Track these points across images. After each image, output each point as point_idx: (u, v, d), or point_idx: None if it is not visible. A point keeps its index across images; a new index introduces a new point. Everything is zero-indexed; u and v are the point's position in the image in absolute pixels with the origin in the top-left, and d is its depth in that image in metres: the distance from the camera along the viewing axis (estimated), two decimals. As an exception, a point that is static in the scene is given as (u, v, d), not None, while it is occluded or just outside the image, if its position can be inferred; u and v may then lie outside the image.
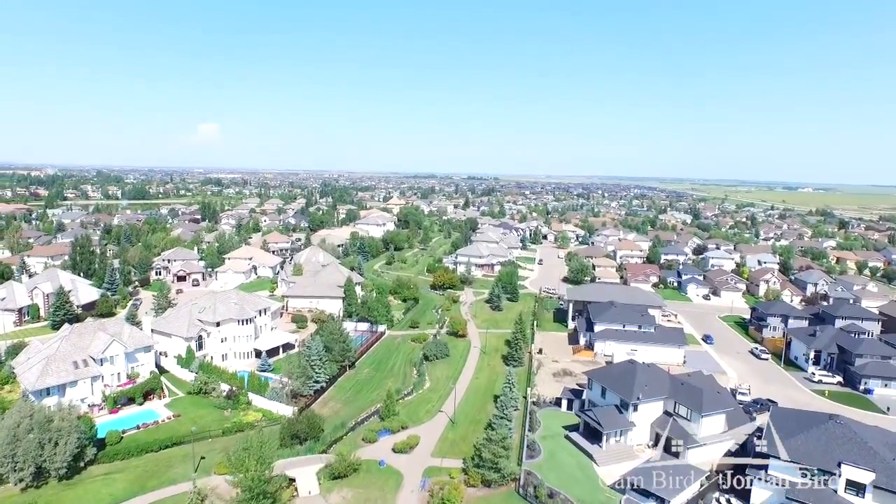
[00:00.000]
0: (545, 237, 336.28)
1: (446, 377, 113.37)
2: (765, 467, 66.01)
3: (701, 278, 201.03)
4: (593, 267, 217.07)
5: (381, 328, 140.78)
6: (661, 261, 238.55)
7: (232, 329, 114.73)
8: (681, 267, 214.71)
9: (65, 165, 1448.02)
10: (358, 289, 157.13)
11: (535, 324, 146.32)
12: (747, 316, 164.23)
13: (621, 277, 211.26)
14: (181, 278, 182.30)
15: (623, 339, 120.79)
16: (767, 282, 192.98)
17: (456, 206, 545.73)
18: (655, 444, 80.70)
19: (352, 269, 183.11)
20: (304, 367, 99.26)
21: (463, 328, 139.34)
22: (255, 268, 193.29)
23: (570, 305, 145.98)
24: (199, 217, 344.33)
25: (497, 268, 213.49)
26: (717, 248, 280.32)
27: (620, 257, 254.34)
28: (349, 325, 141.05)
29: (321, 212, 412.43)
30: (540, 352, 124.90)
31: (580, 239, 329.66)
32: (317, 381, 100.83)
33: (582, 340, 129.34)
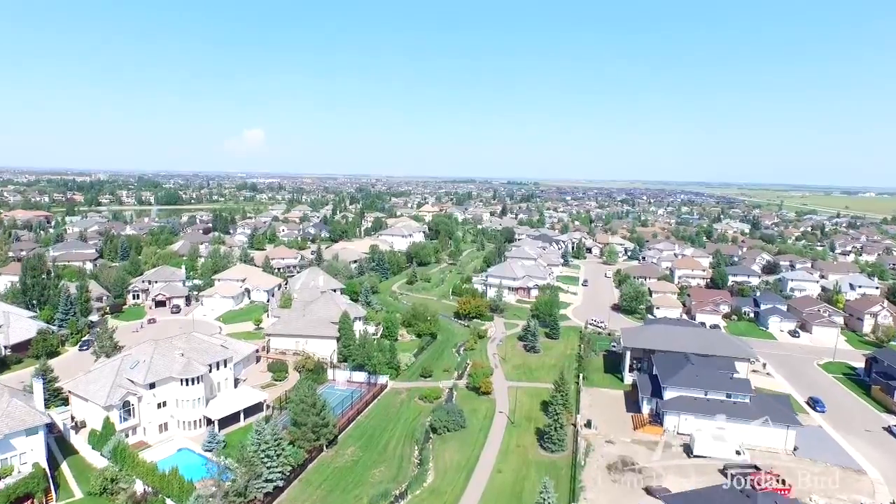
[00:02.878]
0: (589, 251, 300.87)
1: (457, 465, 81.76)
2: None
3: (784, 308, 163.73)
4: (649, 292, 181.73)
5: (383, 379, 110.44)
6: (729, 283, 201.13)
7: (173, 391, 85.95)
8: (757, 294, 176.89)
9: (116, 171, 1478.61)
10: (358, 324, 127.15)
11: (580, 376, 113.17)
12: (856, 364, 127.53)
13: (683, 304, 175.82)
14: (160, 303, 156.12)
15: (706, 413, 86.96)
16: (875, 315, 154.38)
17: (492, 214, 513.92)
18: None
19: (355, 294, 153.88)
20: (249, 461, 69.50)
21: (487, 383, 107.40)
22: (248, 291, 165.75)
23: (627, 353, 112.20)
24: (210, 226, 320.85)
25: (534, 292, 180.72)
26: (793, 267, 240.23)
27: (679, 278, 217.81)
28: (341, 375, 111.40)
29: (346, 220, 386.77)
30: (588, 425, 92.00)
31: (629, 253, 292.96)
32: (269, 481, 70.88)
33: (646, 408, 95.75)
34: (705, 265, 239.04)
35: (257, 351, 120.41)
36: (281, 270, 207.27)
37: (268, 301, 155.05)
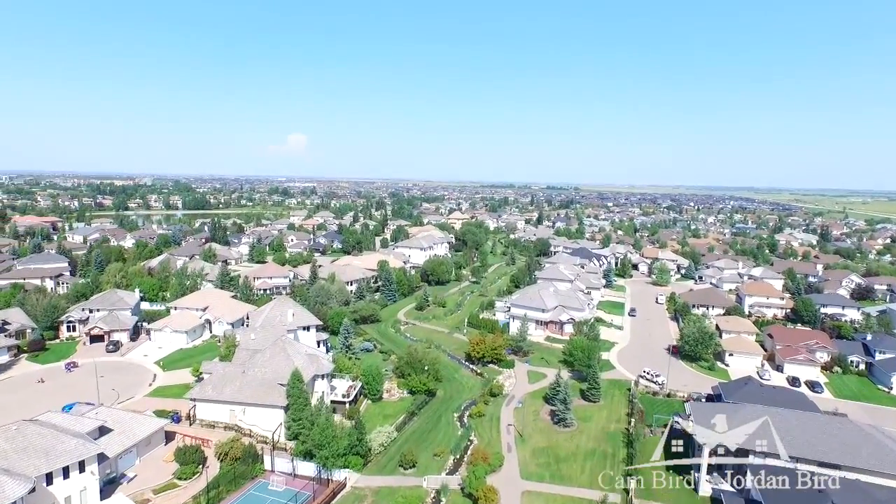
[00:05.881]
0: (635, 267, 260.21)
1: None
2: None
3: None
4: (718, 330, 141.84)
5: (341, 475, 76.10)
6: (820, 316, 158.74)
7: (-34, 529, 53.40)
8: (867, 336, 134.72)
9: (162, 175, 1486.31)
10: (322, 385, 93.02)
11: (633, 481, 75.90)
12: None
13: (763, 347, 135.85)
14: (96, 339, 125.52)
15: None
16: None
17: (528, 222, 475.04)
18: None
19: (331, 329, 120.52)
20: None
21: (490, 493, 71.43)
22: (209, 323, 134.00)
23: (705, 452, 74.33)
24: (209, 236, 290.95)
25: (568, 327, 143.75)
26: (893, 293, 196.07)
27: (750, 307, 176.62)
28: (284, 464, 77.38)
29: (367, 228, 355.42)
30: None
31: (682, 271, 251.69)
32: None
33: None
34: (777, 287, 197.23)
35: (178, 419, 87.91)
36: (268, 293, 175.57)
37: (219, 341, 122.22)
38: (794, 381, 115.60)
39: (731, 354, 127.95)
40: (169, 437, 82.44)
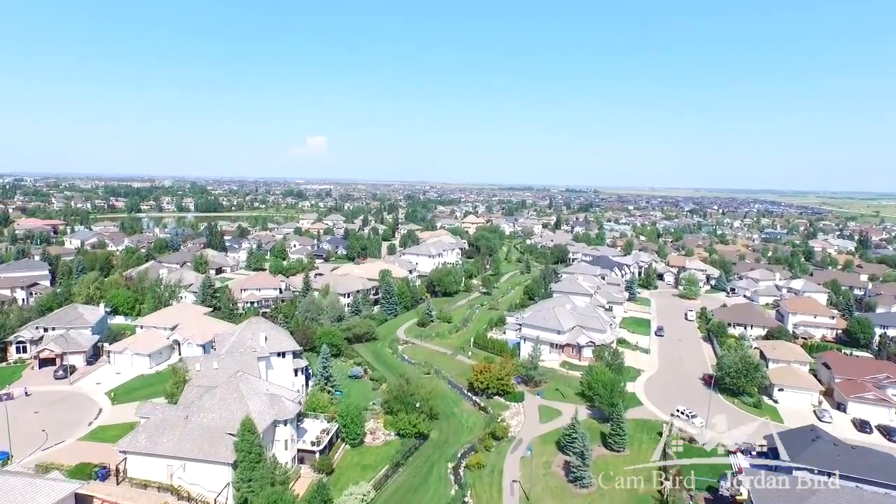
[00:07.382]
0: (660, 277, 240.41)
1: None
2: None
3: None
4: (763, 358, 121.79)
5: (293, 561, 59.12)
6: (885, 341, 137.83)
7: None
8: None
9: (181, 177, 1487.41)
10: (285, 432, 76.04)
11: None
12: None
13: (815, 376, 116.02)
14: (46, 362, 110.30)
15: None
16: None
17: (545, 226, 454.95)
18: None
19: (317, 352, 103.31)
20: None
21: None
22: (177, 344, 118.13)
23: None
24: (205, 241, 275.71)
25: (587, 351, 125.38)
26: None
27: (794, 326, 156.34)
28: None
29: (376, 233, 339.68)
30: None
31: (712, 282, 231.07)
32: None
33: None
34: (822, 301, 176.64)
35: (105, 476, 71.71)
36: (255, 307, 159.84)
37: (175, 368, 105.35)
38: (862, 424, 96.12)
39: (780, 389, 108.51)
40: (85, 502, 66.23)
